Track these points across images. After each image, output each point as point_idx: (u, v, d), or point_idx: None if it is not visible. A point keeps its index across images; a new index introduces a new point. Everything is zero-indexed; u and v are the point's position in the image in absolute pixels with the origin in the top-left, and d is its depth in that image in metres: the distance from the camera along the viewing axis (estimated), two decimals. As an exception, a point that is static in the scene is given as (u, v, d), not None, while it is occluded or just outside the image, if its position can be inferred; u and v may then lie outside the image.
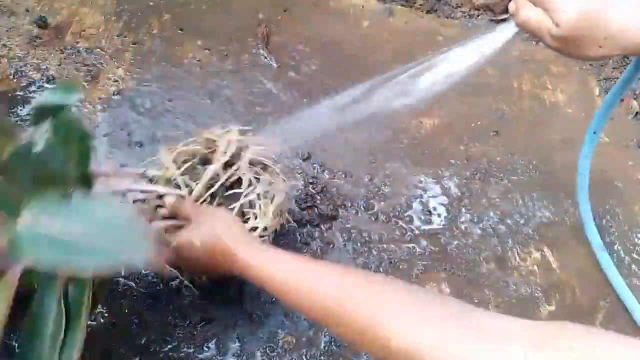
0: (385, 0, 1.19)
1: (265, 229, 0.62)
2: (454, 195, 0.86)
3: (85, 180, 0.43)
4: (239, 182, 0.63)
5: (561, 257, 0.81)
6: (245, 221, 0.62)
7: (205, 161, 0.65)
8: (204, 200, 0.62)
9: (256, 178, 0.64)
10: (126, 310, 0.66)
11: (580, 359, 0.29)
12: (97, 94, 0.88)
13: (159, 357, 0.64)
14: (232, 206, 0.61)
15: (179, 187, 0.62)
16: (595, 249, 0.80)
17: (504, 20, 1.21)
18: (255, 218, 0.62)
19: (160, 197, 0.61)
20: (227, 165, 0.64)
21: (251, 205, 0.63)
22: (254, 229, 0.61)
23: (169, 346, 0.64)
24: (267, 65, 1.00)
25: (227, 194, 0.63)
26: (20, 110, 0.83)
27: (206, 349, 0.64)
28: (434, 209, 0.84)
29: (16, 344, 0.52)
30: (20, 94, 0.85)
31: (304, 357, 0.65)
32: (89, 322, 0.56)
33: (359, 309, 0.39)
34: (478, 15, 1.22)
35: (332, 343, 0.67)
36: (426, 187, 0.87)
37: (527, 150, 0.95)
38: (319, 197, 0.80)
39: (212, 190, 0.62)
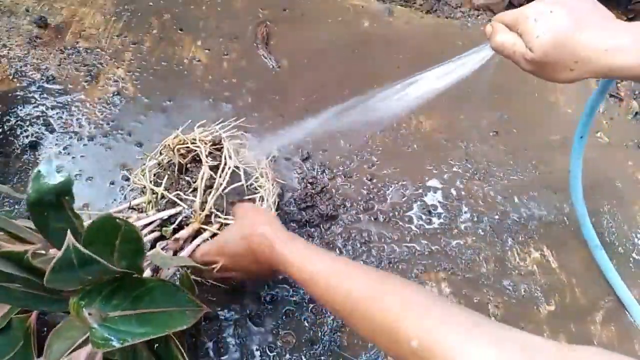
0: (385, 0, 1.19)
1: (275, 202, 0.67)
2: (454, 195, 0.86)
3: (135, 268, 0.45)
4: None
5: (561, 257, 0.82)
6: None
7: (180, 167, 0.66)
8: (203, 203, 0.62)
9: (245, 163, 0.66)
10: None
11: None
12: (97, 94, 0.88)
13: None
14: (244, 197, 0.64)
15: (173, 203, 0.62)
16: (592, 249, 0.81)
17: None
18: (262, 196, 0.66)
19: (164, 220, 0.62)
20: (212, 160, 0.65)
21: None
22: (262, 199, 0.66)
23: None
24: (267, 65, 1.00)
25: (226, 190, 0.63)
26: (20, 110, 0.83)
27: (206, 349, 0.64)
28: (434, 209, 0.84)
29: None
30: (20, 94, 0.85)
31: (304, 356, 0.65)
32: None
33: (383, 307, 0.41)
34: (478, 15, 1.22)
35: (332, 343, 0.67)
36: (426, 187, 0.87)
37: (527, 150, 0.95)
38: (319, 197, 0.80)
39: (214, 195, 0.62)
